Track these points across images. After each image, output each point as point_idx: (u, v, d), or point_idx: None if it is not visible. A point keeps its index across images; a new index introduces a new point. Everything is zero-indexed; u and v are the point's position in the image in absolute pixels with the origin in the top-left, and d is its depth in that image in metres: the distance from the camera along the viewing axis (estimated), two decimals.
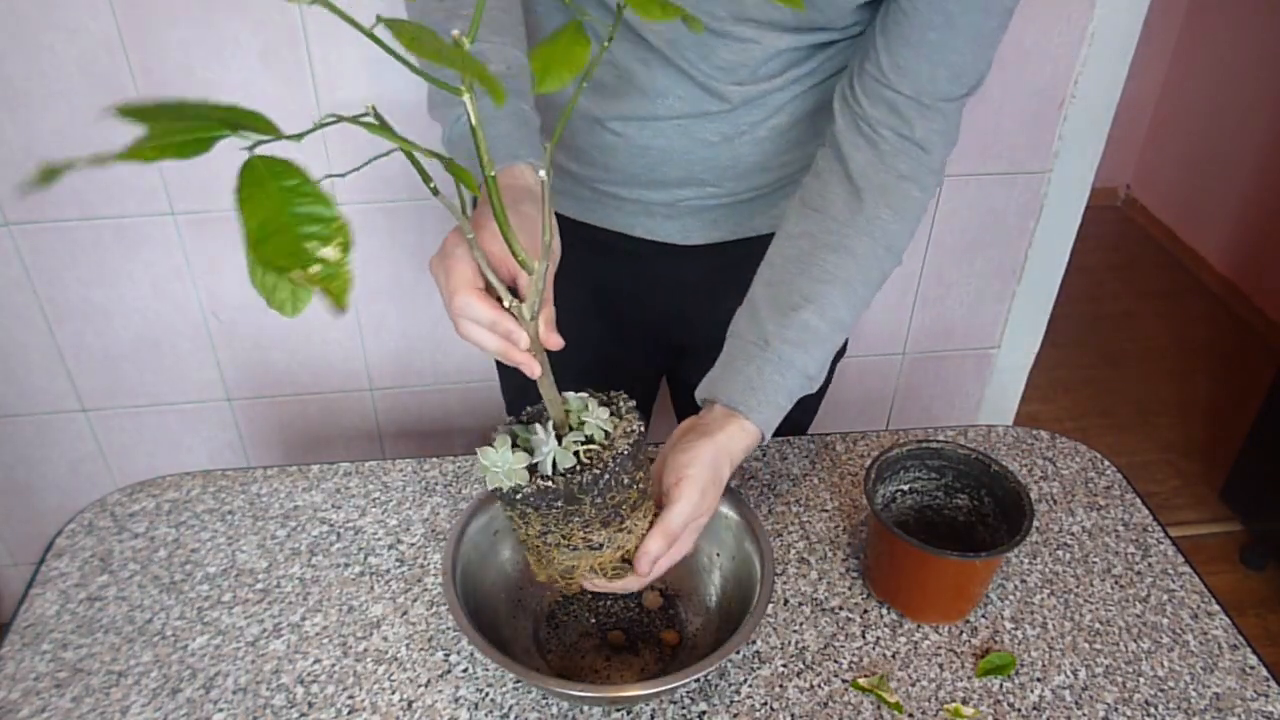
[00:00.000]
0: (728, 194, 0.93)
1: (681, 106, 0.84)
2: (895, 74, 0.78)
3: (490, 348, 0.65)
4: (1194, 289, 3.07)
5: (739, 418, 0.77)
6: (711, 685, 0.80)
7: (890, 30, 0.77)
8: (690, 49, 0.80)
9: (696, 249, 0.98)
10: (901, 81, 0.78)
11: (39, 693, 0.79)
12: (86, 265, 1.43)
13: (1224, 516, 2.20)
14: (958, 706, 0.78)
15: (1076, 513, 0.98)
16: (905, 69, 0.78)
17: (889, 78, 0.78)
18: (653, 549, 0.70)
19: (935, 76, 0.78)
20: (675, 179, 0.91)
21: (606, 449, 0.66)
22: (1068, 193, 1.55)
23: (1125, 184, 3.49)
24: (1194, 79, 3.11)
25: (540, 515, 0.66)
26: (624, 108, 0.85)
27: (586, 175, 0.93)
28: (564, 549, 0.68)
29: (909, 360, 1.74)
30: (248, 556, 0.91)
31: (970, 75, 0.79)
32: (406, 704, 0.78)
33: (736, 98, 0.83)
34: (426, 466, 1.02)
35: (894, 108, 0.79)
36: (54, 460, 1.65)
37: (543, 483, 0.63)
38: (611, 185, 0.93)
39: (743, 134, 0.87)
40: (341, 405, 1.65)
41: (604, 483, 0.65)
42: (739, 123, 0.86)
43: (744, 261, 0.86)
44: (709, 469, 0.73)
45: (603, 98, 0.86)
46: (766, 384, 0.78)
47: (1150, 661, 0.83)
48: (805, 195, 0.84)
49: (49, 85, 1.26)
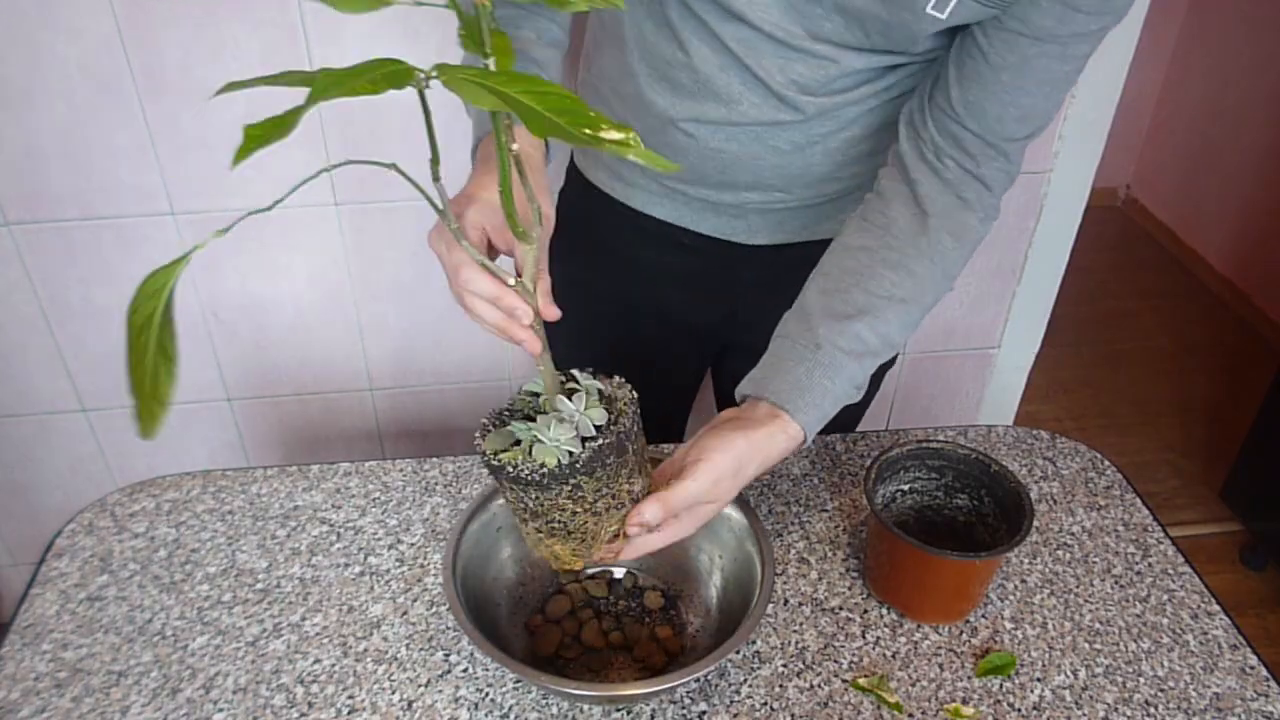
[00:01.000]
0: (796, 200, 0.93)
1: (755, 114, 0.84)
2: (964, 109, 0.78)
3: (491, 321, 0.66)
4: (1194, 289, 3.07)
5: (783, 418, 0.76)
6: (711, 685, 0.80)
7: (964, 65, 0.77)
8: (769, 58, 0.80)
9: (758, 249, 0.98)
10: (969, 118, 0.78)
11: (39, 693, 0.79)
12: (86, 265, 1.43)
13: (1224, 516, 2.20)
14: (958, 706, 0.78)
15: (1076, 513, 0.98)
16: (974, 106, 0.77)
17: (957, 112, 0.78)
18: (647, 514, 0.70)
19: (1003, 117, 0.77)
20: (744, 183, 0.91)
21: (616, 401, 0.68)
22: (1068, 193, 1.55)
23: (1125, 184, 3.49)
24: (1194, 79, 3.11)
25: (595, 480, 0.66)
26: (699, 111, 0.85)
27: (654, 171, 0.93)
28: (614, 511, 0.69)
29: (909, 360, 1.74)
30: (248, 556, 0.91)
31: (1039, 118, 0.79)
32: (406, 704, 0.78)
33: (811, 109, 0.83)
34: (426, 466, 1.02)
35: (959, 143, 0.79)
36: (54, 460, 1.65)
37: (596, 442, 0.64)
38: (680, 184, 0.93)
39: (815, 144, 0.86)
40: (341, 405, 1.65)
41: (636, 426, 0.67)
42: (811, 133, 0.85)
43: (801, 264, 0.86)
44: (733, 461, 0.73)
45: (678, 99, 0.85)
46: (815, 386, 0.77)
47: (1150, 661, 0.83)
48: (867, 211, 0.84)
49: (49, 85, 1.26)
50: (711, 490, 0.72)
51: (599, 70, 0.92)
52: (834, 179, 0.91)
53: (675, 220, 0.97)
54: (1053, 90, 0.77)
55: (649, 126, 0.89)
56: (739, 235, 0.97)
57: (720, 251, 0.98)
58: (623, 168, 0.96)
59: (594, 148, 0.41)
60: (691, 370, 1.19)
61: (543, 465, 0.64)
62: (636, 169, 0.95)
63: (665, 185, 0.94)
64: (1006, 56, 0.75)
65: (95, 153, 1.32)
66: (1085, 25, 0.73)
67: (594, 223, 1.02)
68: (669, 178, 0.93)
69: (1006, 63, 0.75)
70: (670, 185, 0.94)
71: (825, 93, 0.82)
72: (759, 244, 0.97)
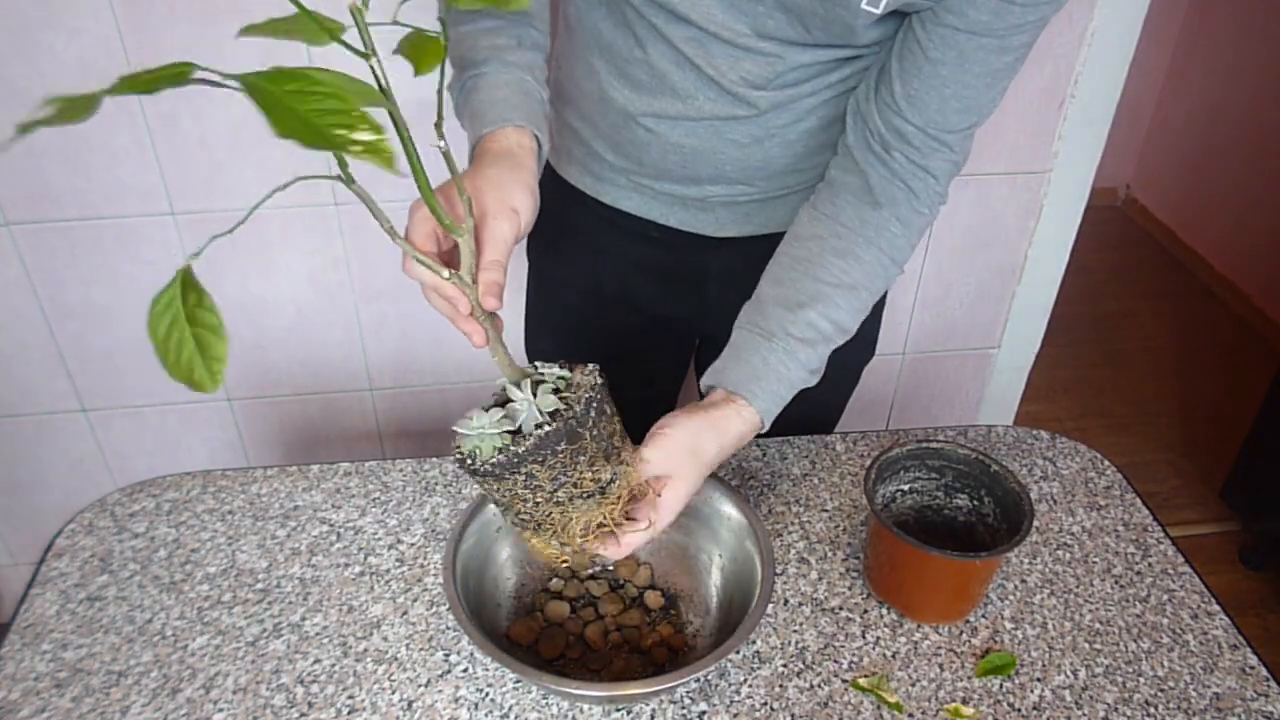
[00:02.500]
0: (759, 192, 0.94)
1: (711, 109, 0.85)
2: (906, 103, 0.79)
3: (440, 311, 0.67)
4: (1194, 289, 3.06)
5: (739, 403, 0.79)
6: (711, 685, 0.80)
7: (905, 59, 0.78)
8: (719, 57, 0.81)
9: (727, 241, 0.99)
10: (911, 112, 0.79)
11: (39, 693, 0.79)
12: (86, 265, 1.43)
13: (1224, 516, 2.20)
14: (958, 706, 0.78)
15: (1076, 513, 0.98)
16: (916, 99, 0.79)
17: (900, 106, 0.79)
18: None
19: (944, 109, 0.79)
20: (706, 176, 0.92)
21: (577, 389, 0.67)
22: (1068, 193, 1.55)
23: (1125, 184, 3.49)
24: (1194, 79, 3.11)
25: (548, 468, 0.65)
26: (656, 106, 0.86)
27: (622, 166, 0.95)
28: (579, 501, 0.67)
29: (909, 360, 1.74)
30: (248, 556, 0.91)
31: (981, 109, 0.80)
32: (406, 704, 0.78)
33: (764, 103, 0.84)
34: (426, 466, 1.02)
35: (903, 136, 0.81)
36: (54, 460, 1.65)
37: (541, 430, 0.64)
38: (645, 178, 0.95)
39: (772, 136, 0.88)
40: (341, 405, 1.65)
41: (595, 410, 0.66)
42: (768, 126, 0.87)
43: (768, 255, 0.88)
44: (689, 438, 0.75)
45: (636, 94, 0.87)
46: (770, 373, 0.80)
47: (1150, 661, 0.83)
48: (817, 200, 0.87)
49: (49, 85, 1.26)
50: (667, 461, 0.73)
51: (566, 69, 0.94)
52: (795, 170, 0.92)
53: (645, 214, 0.98)
54: (993, 81, 0.78)
55: (611, 122, 0.91)
56: (707, 228, 0.98)
57: (690, 244, 1.00)
58: (593, 162, 0.97)
59: (341, 150, 0.42)
60: (670, 362, 1.21)
61: (493, 455, 0.64)
62: (605, 163, 0.96)
63: (633, 180, 0.96)
64: (945, 51, 0.76)
65: (95, 153, 1.32)
66: (1022, 16, 0.74)
67: (567, 217, 1.04)
68: (634, 172, 0.94)
69: (945, 57, 0.76)
70: (637, 180, 0.95)
71: (775, 87, 0.83)
72: (727, 236, 0.99)
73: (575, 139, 0.97)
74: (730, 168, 0.90)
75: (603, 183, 0.98)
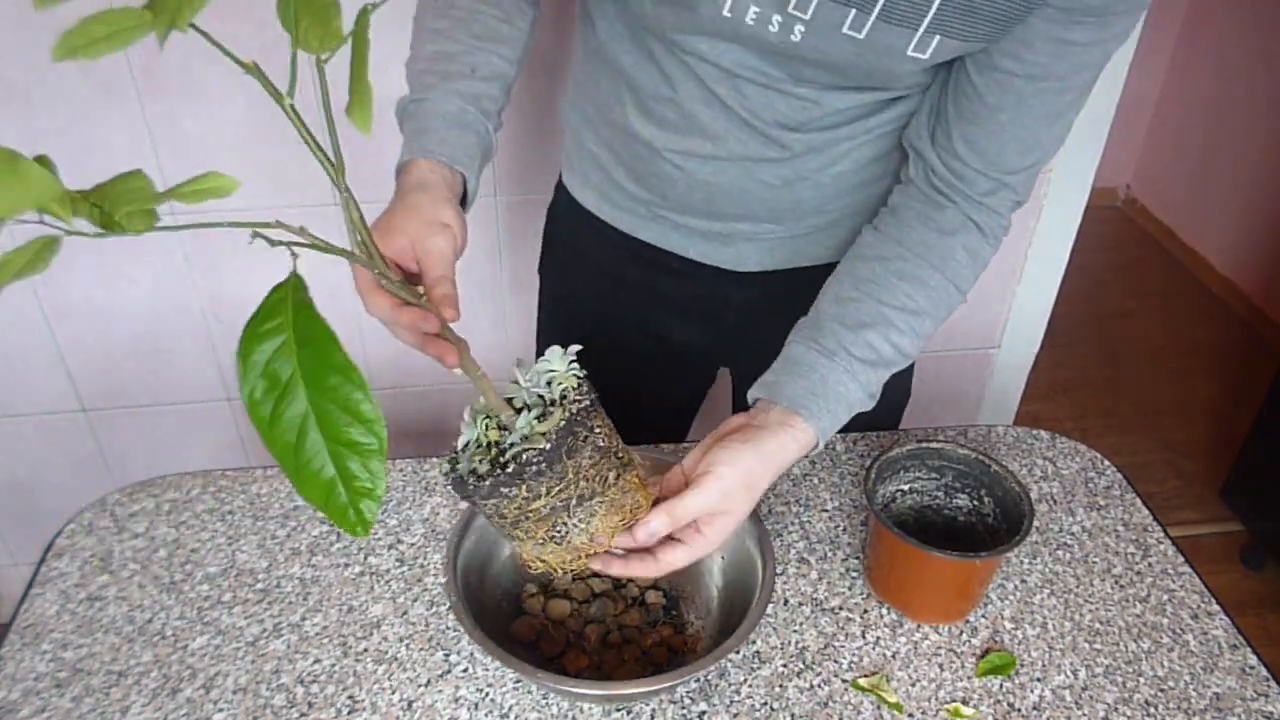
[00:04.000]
0: (785, 231, 0.92)
1: (742, 150, 0.83)
2: (964, 146, 0.77)
3: (408, 341, 0.66)
4: (1194, 289, 3.07)
5: (796, 422, 0.75)
6: (711, 685, 0.80)
7: (961, 104, 0.76)
8: (752, 99, 0.79)
9: (747, 275, 0.97)
10: (971, 156, 0.78)
11: (39, 693, 0.79)
12: (86, 265, 1.43)
13: (1224, 516, 2.20)
14: (958, 706, 0.78)
15: (1076, 513, 0.98)
16: (974, 144, 0.77)
17: (957, 149, 0.78)
18: (654, 524, 0.68)
19: (1004, 152, 0.77)
20: (733, 214, 0.90)
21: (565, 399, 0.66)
22: (1068, 193, 1.55)
23: (1125, 184, 3.49)
24: (1194, 79, 3.12)
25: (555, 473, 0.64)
26: (685, 145, 0.84)
27: (644, 197, 0.93)
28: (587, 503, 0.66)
29: None
30: (248, 556, 0.91)
31: (1045, 147, 0.78)
32: (406, 704, 0.78)
33: (798, 146, 0.82)
34: (426, 466, 1.02)
35: (962, 177, 0.79)
36: (54, 460, 1.65)
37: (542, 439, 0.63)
38: (667, 211, 0.93)
39: (803, 179, 0.86)
40: None
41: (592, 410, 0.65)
42: (800, 168, 0.85)
43: (789, 290, 0.86)
44: (743, 476, 0.71)
45: (664, 132, 0.85)
46: (830, 392, 0.76)
47: (1150, 661, 0.83)
48: (880, 223, 0.84)
49: (49, 85, 1.26)
50: (721, 502, 0.70)
51: (586, 94, 0.92)
52: (822, 211, 0.90)
53: (663, 244, 0.97)
54: (1055, 120, 0.76)
55: (635, 154, 0.89)
56: (727, 262, 0.96)
57: (709, 276, 0.98)
58: (611, 190, 0.95)
59: None
60: (685, 391, 1.18)
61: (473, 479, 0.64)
62: (624, 192, 0.94)
63: (653, 210, 0.94)
64: (1003, 97, 0.73)
65: (95, 153, 1.32)
66: (1083, 57, 0.71)
67: (582, 243, 1.02)
68: (657, 204, 0.93)
69: (1004, 103, 0.74)
70: (658, 211, 0.93)
71: (810, 130, 0.81)
72: (748, 270, 0.97)
73: (593, 164, 0.95)
74: (758, 207, 0.88)
75: (620, 210, 0.96)
